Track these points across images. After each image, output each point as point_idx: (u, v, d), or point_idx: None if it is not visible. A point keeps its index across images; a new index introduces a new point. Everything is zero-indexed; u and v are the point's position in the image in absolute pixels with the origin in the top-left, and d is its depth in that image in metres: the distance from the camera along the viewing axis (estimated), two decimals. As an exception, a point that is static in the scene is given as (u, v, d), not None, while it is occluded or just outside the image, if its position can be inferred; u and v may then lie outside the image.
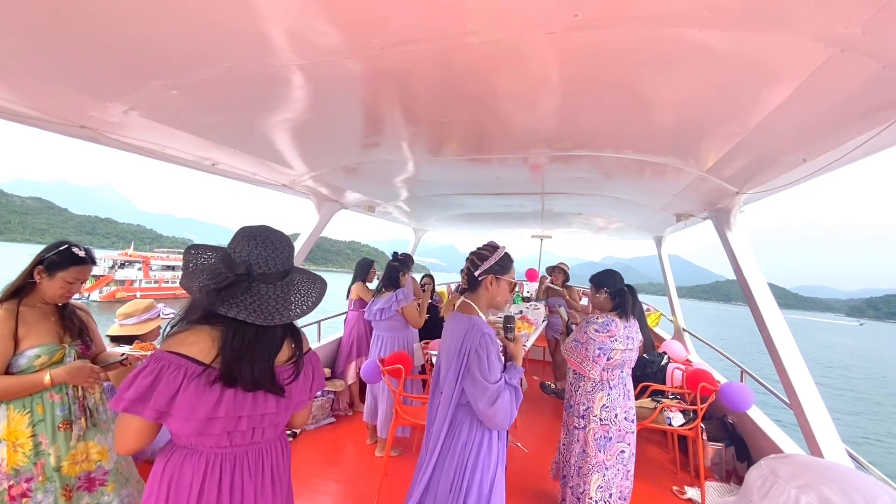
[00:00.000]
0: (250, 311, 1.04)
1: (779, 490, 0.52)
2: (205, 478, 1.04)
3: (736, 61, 1.17)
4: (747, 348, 34.89)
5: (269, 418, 1.10)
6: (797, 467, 0.54)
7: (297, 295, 1.14)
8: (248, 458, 1.11)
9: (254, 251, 1.09)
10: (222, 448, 1.07)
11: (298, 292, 1.15)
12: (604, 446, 2.20)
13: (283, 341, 1.13)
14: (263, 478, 1.13)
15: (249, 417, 1.06)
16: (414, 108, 1.71)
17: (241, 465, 1.09)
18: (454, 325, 1.57)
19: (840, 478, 0.51)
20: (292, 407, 1.14)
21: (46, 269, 1.56)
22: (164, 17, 1.06)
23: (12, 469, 1.46)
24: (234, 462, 1.08)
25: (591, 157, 2.23)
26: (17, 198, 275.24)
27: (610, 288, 2.31)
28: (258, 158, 2.35)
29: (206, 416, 0.99)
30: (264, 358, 1.07)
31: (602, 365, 2.20)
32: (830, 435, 2.08)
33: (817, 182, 2.04)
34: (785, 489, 0.52)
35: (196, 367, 1.00)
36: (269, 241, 1.12)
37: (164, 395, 0.96)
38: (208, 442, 1.06)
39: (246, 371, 1.03)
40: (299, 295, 1.15)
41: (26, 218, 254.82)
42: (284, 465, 1.21)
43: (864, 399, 24.93)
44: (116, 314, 2.23)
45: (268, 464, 1.14)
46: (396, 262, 3.34)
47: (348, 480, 2.86)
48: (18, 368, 1.49)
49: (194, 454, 1.06)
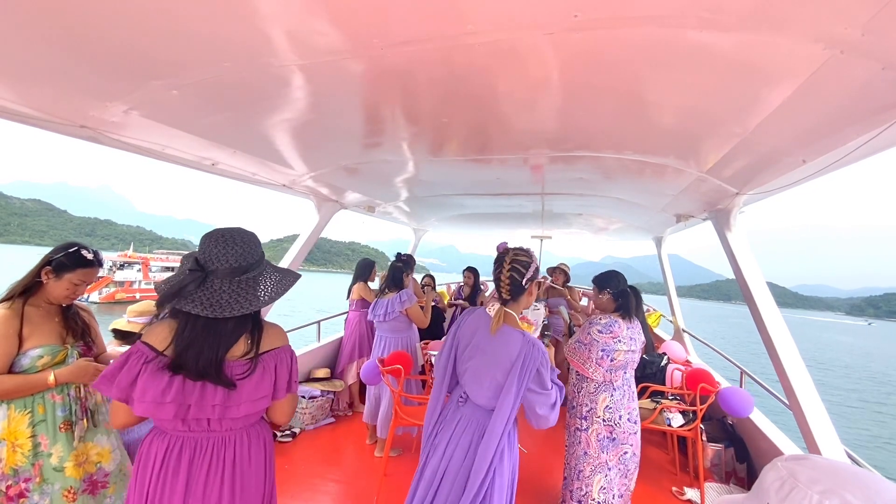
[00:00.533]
0: (198, 304, 1.09)
1: (800, 495, 0.51)
2: (165, 456, 1.13)
3: (736, 62, 1.17)
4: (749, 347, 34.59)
5: (219, 409, 1.12)
6: (817, 471, 0.53)
7: (263, 290, 1.18)
8: (207, 444, 1.15)
9: (212, 249, 1.15)
10: (181, 432, 1.14)
11: (265, 287, 1.19)
12: (607, 447, 2.19)
13: (235, 335, 1.15)
14: (224, 467, 1.16)
15: (197, 406, 1.10)
16: (414, 108, 1.71)
17: (201, 450, 1.15)
18: (505, 340, 1.52)
19: (862, 483, 0.50)
20: (244, 402, 1.15)
21: (54, 270, 1.56)
22: (164, 17, 1.06)
23: (11, 469, 1.46)
24: (194, 447, 1.15)
25: (591, 157, 2.23)
26: (16, 199, 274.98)
27: (613, 289, 2.31)
28: (258, 158, 2.35)
29: (154, 399, 1.06)
30: (212, 349, 1.11)
31: (606, 366, 2.19)
32: (830, 436, 2.08)
33: (818, 182, 2.04)
34: (806, 494, 0.51)
35: (152, 354, 1.09)
36: (226, 239, 1.16)
37: (126, 378, 1.07)
38: (167, 426, 1.14)
39: (191, 360, 1.09)
40: (265, 290, 1.19)
41: (26, 220, 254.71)
42: (253, 458, 1.22)
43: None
44: (128, 311, 2.25)
45: (229, 454, 1.17)
46: (400, 262, 3.34)
47: (348, 480, 2.86)
48: (21, 368, 1.49)
49: (161, 435, 1.15)
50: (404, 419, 2.65)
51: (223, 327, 1.13)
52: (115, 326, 2.21)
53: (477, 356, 1.56)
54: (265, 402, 1.20)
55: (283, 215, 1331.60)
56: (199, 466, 1.14)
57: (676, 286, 5.34)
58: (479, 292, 5.30)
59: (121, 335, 2.19)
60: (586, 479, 2.20)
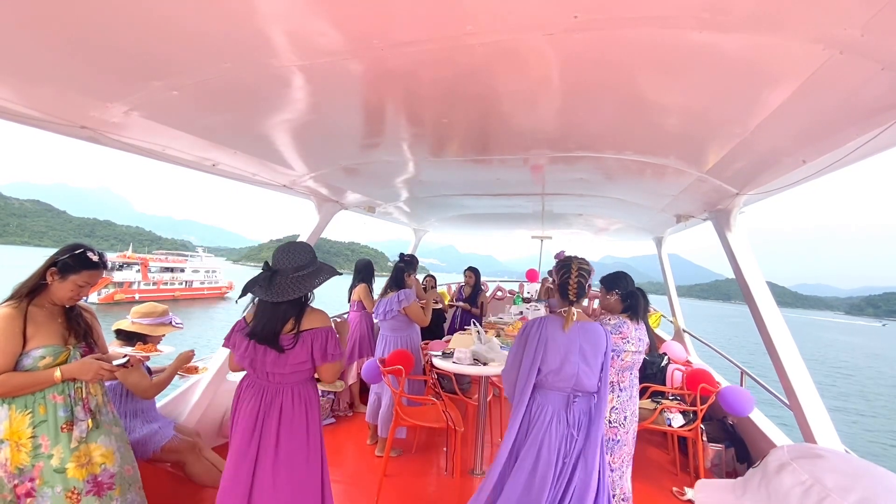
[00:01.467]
0: (264, 292, 1.61)
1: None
2: (245, 390, 1.70)
3: (735, 63, 1.18)
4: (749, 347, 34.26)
5: (271, 365, 1.61)
6: (844, 476, 0.49)
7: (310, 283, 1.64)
8: (266, 389, 1.66)
9: (278, 255, 1.68)
10: (253, 378, 1.70)
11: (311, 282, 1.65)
12: (612, 448, 2.17)
13: (287, 315, 1.63)
14: (271, 409, 1.64)
15: (260, 362, 1.62)
16: (414, 108, 1.72)
17: (263, 392, 1.66)
18: (589, 332, 1.85)
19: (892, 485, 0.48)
20: (289, 364, 1.61)
21: (59, 272, 1.56)
22: (164, 18, 1.06)
23: (16, 468, 1.46)
24: (260, 389, 1.66)
25: (591, 157, 2.23)
26: (15, 200, 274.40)
27: (622, 290, 2.30)
28: (259, 159, 2.35)
29: (239, 353, 1.66)
30: (271, 324, 1.61)
31: (615, 367, 2.19)
32: (830, 435, 2.09)
33: (818, 182, 2.04)
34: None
35: (243, 324, 1.69)
36: (287, 248, 1.69)
37: (229, 339, 1.71)
38: (249, 372, 1.71)
39: (259, 330, 1.61)
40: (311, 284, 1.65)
41: (25, 220, 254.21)
42: (295, 410, 1.67)
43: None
44: (132, 311, 2.25)
45: (277, 401, 1.65)
46: (403, 262, 3.34)
47: (348, 480, 2.86)
48: (23, 368, 1.49)
49: (248, 377, 1.73)
50: (405, 419, 2.65)
51: (279, 309, 1.62)
52: (118, 327, 2.21)
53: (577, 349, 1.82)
54: (305, 366, 1.65)
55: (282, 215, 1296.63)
56: (262, 402, 1.64)
57: (676, 286, 5.34)
58: (480, 292, 5.29)
59: (124, 336, 2.19)
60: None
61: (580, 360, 1.79)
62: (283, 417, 1.63)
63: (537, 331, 1.84)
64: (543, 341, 1.81)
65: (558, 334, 1.81)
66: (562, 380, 1.79)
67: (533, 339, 1.84)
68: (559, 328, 1.82)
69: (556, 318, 1.86)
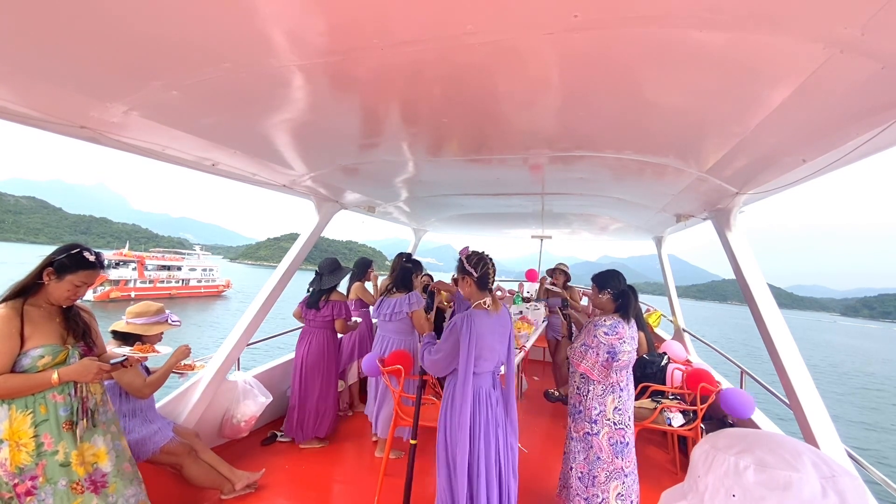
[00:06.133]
0: (316, 283, 3.43)
1: (720, 460, 0.57)
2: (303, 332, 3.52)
3: (735, 62, 1.17)
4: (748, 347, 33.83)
5: (311, 315, 3.42)
6: (732, 438, 0.60)
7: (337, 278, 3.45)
8: (310, 329, 3.45)
9: (322, 263, 3.49)
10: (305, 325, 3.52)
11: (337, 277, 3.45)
12: (621, 451, 2.15)
13: (320, 295, 3.40)
14: (312, 345, 3.39)
15: (307, 315, 3.45)
16: (414, 108, 1.71)
17: (310, 332, 3.45)
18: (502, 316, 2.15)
19: (770, 441, 0.58)
20: (319, 318, 3.39)
21: (56, 271, 1.55)
22: (164, 18, 1.06)
23: (17, 468, 1.46)
24: (308, 331, 3.46)
25: (591, 157, 2.23)
26: (10, 197, 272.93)
27: (613, 289, 2.30)
28: (258, 159, 2.35)
29: (301, 310, 3.52)
30: (314, 298, 3.41)
31: (613, 368, 2.18)
32: (830, 434, 2.09)
33: (816, 182, 2.05)
34: (725, 458, 0.57)
35: (307, 297, 3.48)
36: (324, 262, 3.49)
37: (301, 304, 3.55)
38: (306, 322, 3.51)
39: (310, 300, 3.44)
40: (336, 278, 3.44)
41: (20, 217, 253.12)
42: (322, 342, 3.42)
43: None
44: (126, 312, 2.24)
45: (313, 338, 3.41)
46: (409, 263, 3.25)
47: (348, 480, 2.86)
48: (21, 368, 1.49)
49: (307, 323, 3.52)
50: (404, 420, 2.65)
51: (318, 289, 3.40)
52: (114, 328, 2.20)
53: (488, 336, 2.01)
54: (328, 320, 3.40)
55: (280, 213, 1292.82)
56: (309, 337, 3.42)
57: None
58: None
59: (120, 336, 2.18)
60: (602, 484, 2.15)
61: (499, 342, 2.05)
62: (313, 352, 3.37)
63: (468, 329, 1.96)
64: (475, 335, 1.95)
65: (485, 326, 1.99)
66: (490, 361, 2.02)
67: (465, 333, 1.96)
68: (486, 319, 2.01)
69: (479, 311, 2.03)
